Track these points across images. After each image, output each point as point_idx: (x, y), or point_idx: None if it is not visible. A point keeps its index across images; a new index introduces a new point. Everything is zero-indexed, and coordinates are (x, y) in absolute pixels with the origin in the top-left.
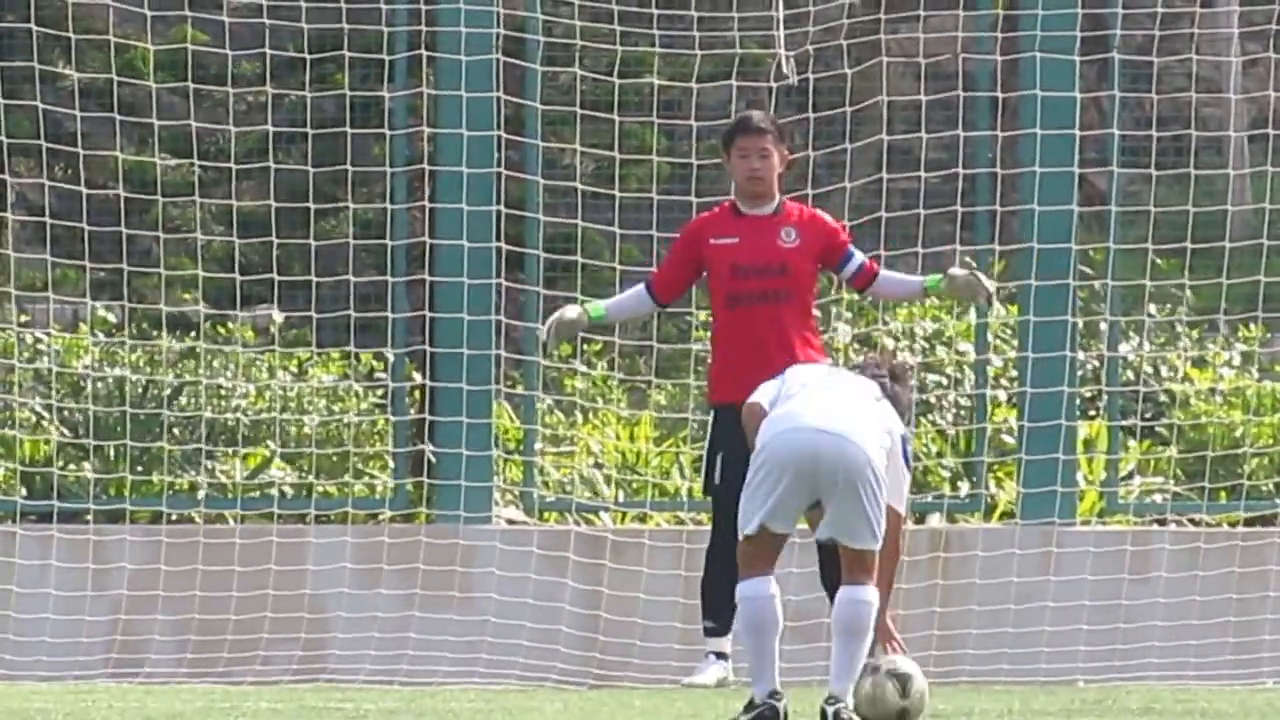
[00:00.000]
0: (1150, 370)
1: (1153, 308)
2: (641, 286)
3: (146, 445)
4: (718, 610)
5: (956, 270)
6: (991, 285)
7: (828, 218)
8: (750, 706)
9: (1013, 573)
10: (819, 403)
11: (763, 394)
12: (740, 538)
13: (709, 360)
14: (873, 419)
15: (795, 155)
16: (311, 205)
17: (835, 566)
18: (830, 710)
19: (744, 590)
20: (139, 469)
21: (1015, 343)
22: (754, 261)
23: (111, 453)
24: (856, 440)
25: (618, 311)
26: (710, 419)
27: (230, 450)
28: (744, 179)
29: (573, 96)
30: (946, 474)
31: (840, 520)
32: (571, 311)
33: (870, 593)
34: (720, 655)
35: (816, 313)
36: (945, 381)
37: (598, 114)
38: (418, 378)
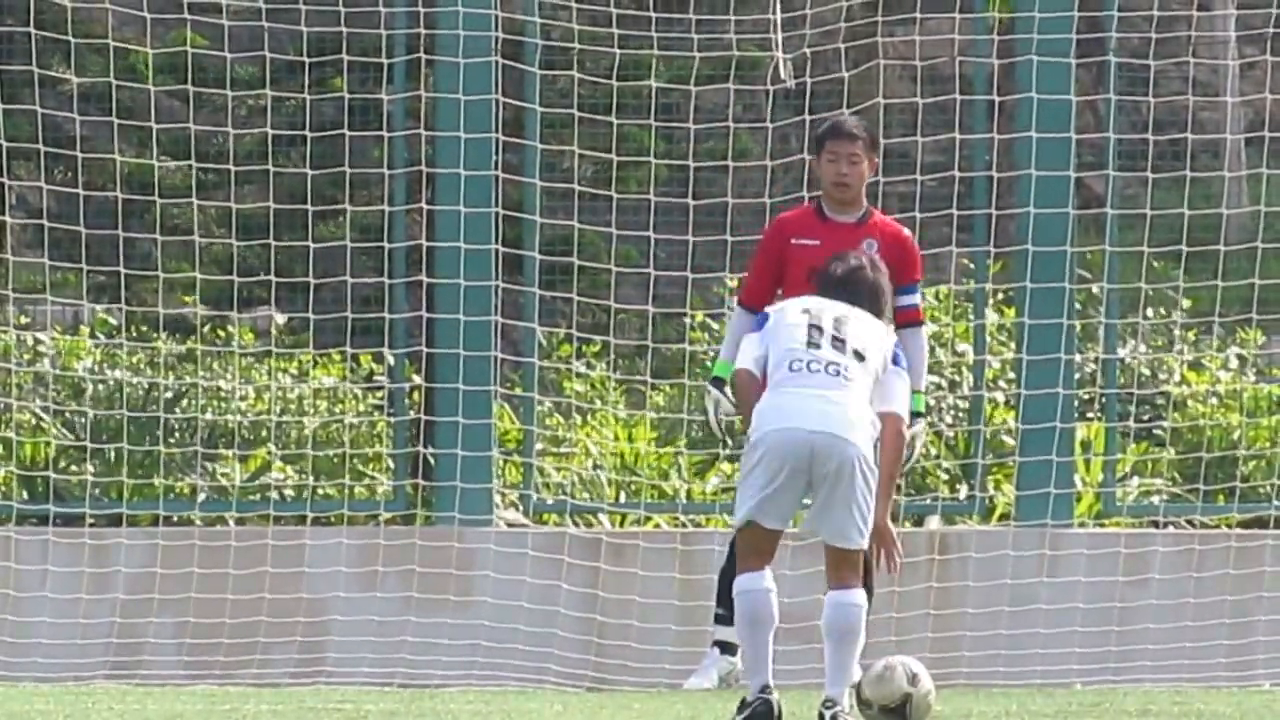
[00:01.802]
0: (1147, 373)
1: (1149, 310)
2: (740, 311)
3: (147, 448)
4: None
5: (912, 436)
6: (915, 452)
7: (913, 243)
8: (743, 705)
9: (1008, 575)
10: (812, 395)
11: (749, 356)
12: (735, 530)
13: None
14: (861, 396)
15: (791, 157)
16: (310, 208)
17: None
18: (828, 714)
19: (741, 584)
20: (139, 472)
21: (1012, 345)
22: None
23: (111, 455)
24: (848, 437)
25: (734, 350)
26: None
27: (230, 453)
28: (831, 183)
29: (571, 99)
30: (944, 476)
31: (829, 517)
32: (713, 396)
33: (859, 595)
34: (725, 648)
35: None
36: (943, 383)
37: (596, 116)
38: (417, 379)
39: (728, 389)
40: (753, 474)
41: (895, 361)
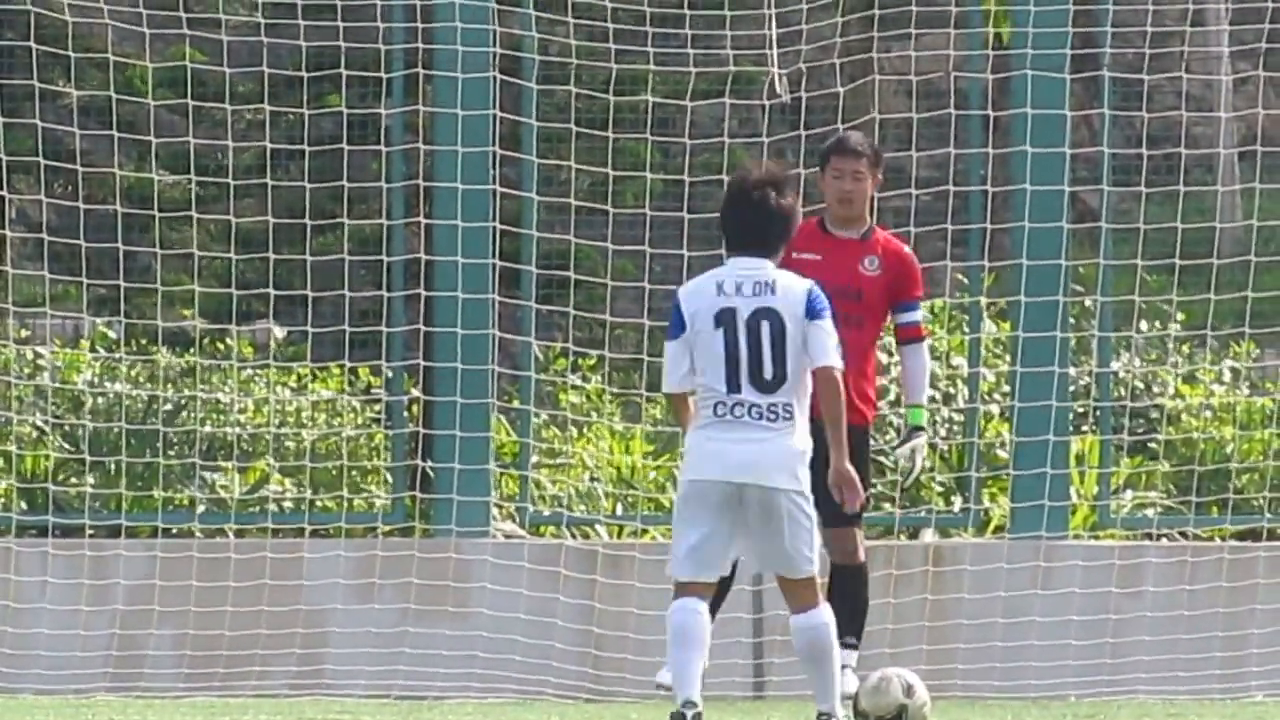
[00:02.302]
0: (1141, 386)
1: (1143, 324)
2: None
3: (146, 460)
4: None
5: (911, 450)
6: (917, 466)
7: (914, 260)
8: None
9: (1002, 587)
10: (736, 442)
11: (676, 376)
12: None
13: None
14: (789, 428)
15: (787, 172)
16: (309, 221)
17: (838, 589)
18: None
19: (676, 605)
20: (138, 484)
21: (1007, 358)
22: (833, 282)
23: (111, 467)
24: (774, 484)
25: None
26: None
27: (229, 465)
28: (834, 199)
29: (568, 114)
30: (939, 489)
31: (772, 556)
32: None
33: (824, 613)
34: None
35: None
36: (938, 396)
37: (593, 131)
38: (415, 392)
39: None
40: (682, 525)
41: (817, 312)
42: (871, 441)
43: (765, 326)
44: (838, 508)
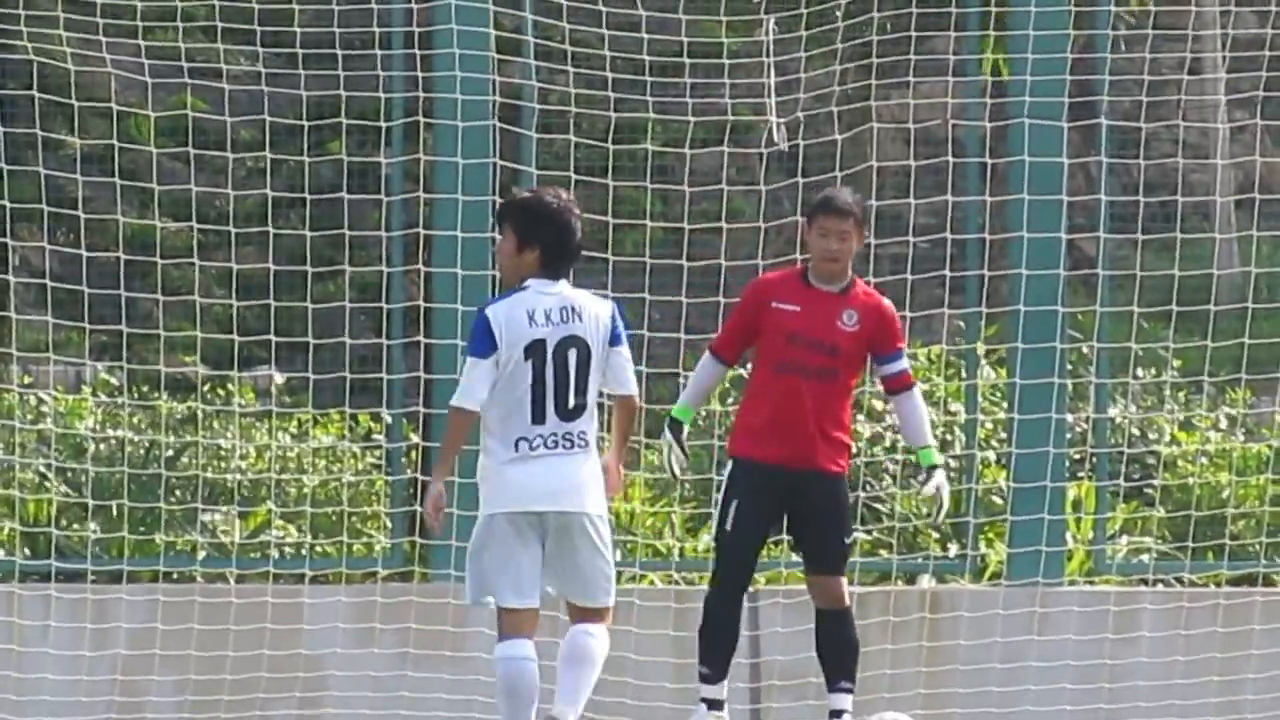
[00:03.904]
0: (1137, 432)
1: (1140, 370)
2: (707, 355)
3: (148, 505)
4: (714, 656)
5: (936, 488)
6: (945, 502)
7: (893, 312)
8: None
9: (999, 633)
10: (541, 472)
11: (482, 391)
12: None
13: (736, 411)
14: (591, 450)
15: (784, 220)
16: (309, 269)
17: (827, 635)
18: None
19: (501, 650)
20: (140, 529)
21: (1004, 404)
22: (810, 335)
23: (113, 512)
24: (578, 509)
25: (697, 396)
26: (729, 468)
27: (229, 510)
28: (820, 258)
29: (567, 161)
30: (935, 535)
31: (572, 582)
32: (668, 436)
33: (601, 631)
34: (712, 704)
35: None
36: (935, 443)
37: (592, 179)
38: (414, 438)
39: (675, 433)
40: (488, 555)
41: (619, 338)
42: (850, 490)
43: (572, 355)
44: (824, 554)
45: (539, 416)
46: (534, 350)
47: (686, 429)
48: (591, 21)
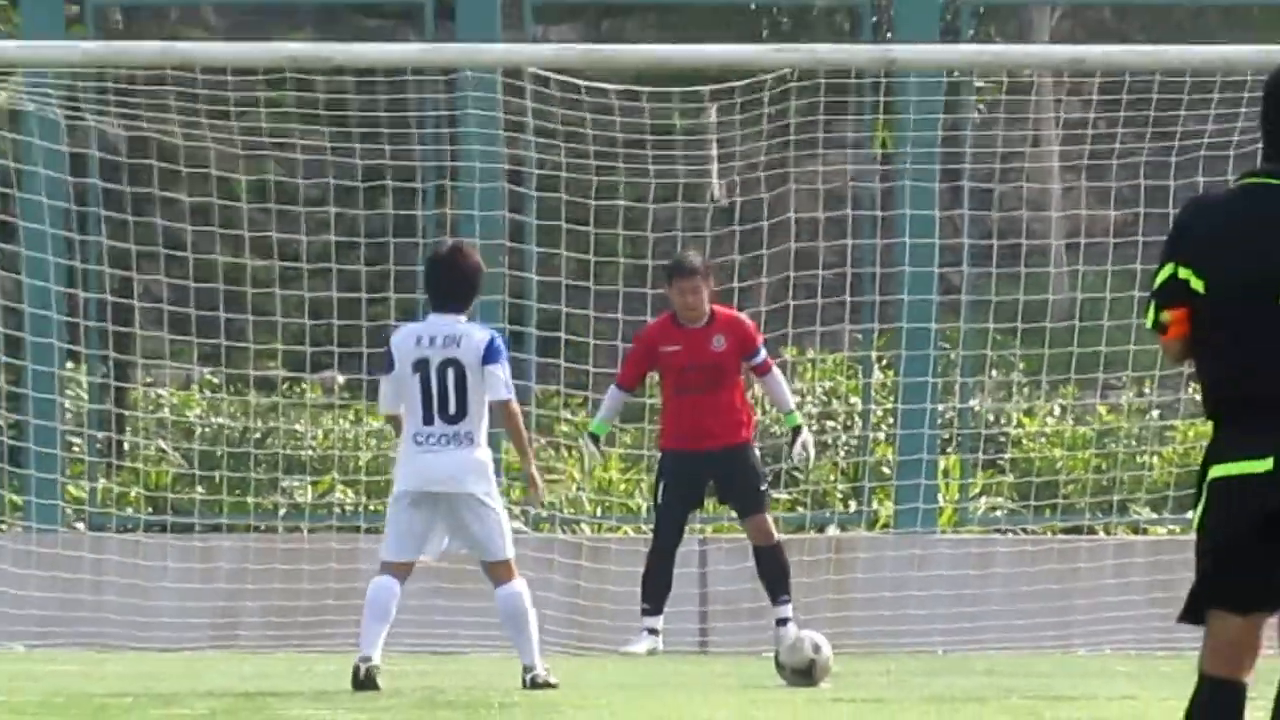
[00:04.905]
0: (992, 418)
1: (994, 372)
2: (613, 388)
3: (240, 475)
4: (652, 596)
5: (802, 444)
6: (810, 454)
7: (747, 321)
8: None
9: (888, 569)
10: (433, 459)
11: (390, 401)
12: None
13: (660, 419)
14: (474, 442)
15: (724, 258)
16: (365, 295)
17: (765, 563)
18: (528, 678)
19: (376, 581)
20: (235, 492)
21: (892, 398)
22: (693, 363)
23: (215, 479)
24: (462, 491)
25: (608, 415)
26: (660, 458)
27: (303, 479)
28: (681, 309)
29: (559, 214)
30: (840, 495)
31: (472, 545)
32: (587, 446)
33: (518, 584)
34: (652, 630)
35: (742, 381)
36: (839, 426)
37: (578, 227)
38: None
39: (590, 445)
40: (394, 521)
41: (492, 358)
42: (757, 450)
43: (451, 373)
44: (746, 500)
45: (429, 419)
46: (420, 367)
47: (602, 439)
48: (578, 107)
